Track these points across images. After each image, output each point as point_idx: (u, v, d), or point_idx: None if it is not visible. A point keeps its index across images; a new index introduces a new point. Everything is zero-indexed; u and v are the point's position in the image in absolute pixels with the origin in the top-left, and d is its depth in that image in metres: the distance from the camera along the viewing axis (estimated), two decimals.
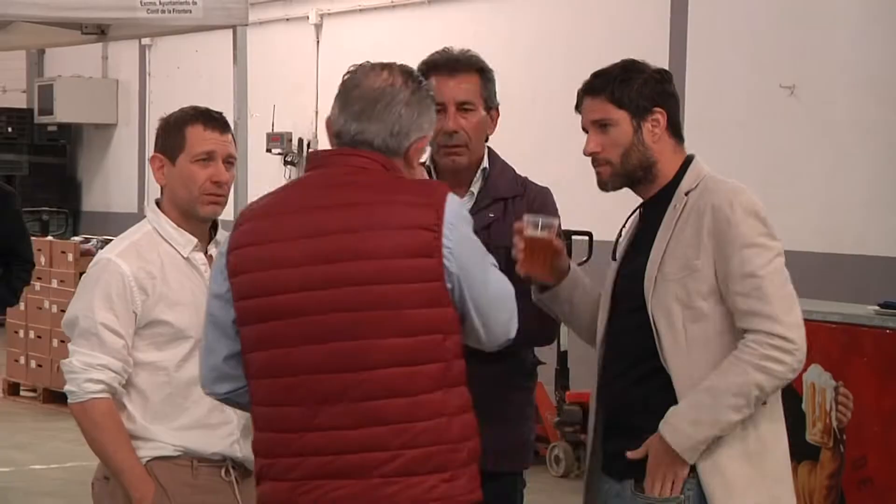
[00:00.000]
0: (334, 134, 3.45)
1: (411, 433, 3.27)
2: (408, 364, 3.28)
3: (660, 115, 3.82)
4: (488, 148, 4.37)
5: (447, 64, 4.27)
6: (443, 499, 3.28)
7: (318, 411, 3.29)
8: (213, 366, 3.49)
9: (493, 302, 3.39)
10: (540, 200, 4.31)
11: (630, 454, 3.76)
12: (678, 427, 3.67)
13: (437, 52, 4.31)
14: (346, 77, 3.45)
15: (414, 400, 3.28)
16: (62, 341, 11.61)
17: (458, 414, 3.33)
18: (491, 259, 3.44)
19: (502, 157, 4.42)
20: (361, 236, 3.29)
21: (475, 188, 4.31)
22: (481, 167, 4.33)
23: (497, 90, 4.36)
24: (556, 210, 4.27)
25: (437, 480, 3.28)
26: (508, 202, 4.29)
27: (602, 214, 3.97)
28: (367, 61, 3.47)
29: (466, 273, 3.33)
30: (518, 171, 4.44)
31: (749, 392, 3.64)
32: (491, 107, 4.30)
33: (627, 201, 3.96)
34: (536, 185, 4.41)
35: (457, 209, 3.36)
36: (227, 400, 3.56)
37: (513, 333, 3.46)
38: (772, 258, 3.69)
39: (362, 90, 3.40)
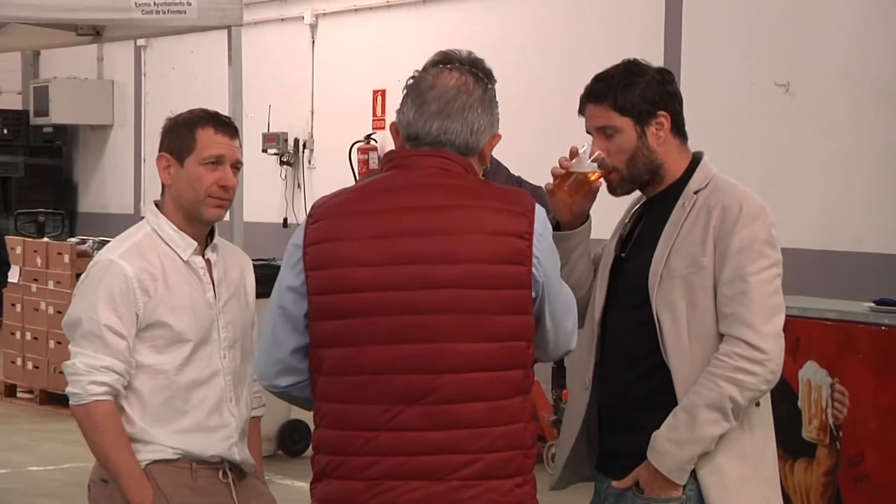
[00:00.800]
0: (411, 136, 3.38)
1: (490, 437, 3.26)
2: (490, 369, 3.27)
3: (664, 118, 3.80)
4: None
5: None
6: (516, 503, 3.30)
7: (394, 411, 3.26)
8: (279, 359, 3.42)
9: (564, 310, 3.41)
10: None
11: (616, 484, 3.76)
12: (662, 450, 3.66)
13: (441, 55, 4.25)
14: (411, 81, 3.41)
15: (493, 405, 3.27)
16: (59, 343, 11.58)
17: (531, 420, 3.35)
18: None
19: (498, 158, 4.41)
20: (445, 240, 3.27)
21: None
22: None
23: None
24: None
25: (511, 485, 3.29)
26: None
27: (600, 213, 3.95)
28: (428, 64, 3.43)
29: (549, 281, 3.34)
30: (514, 171, 4.44)
31: (723, 405, 3.63)
32: None
33: (624, 200, 3.95)
34: (530, 183, 4.40)
35: (544, 218, 3.35)
36: (286, 394, 3.48)
37: (573, 344, 3.48)
38: (766, 266, 3.68)
39: (439, 90, 3.36)
